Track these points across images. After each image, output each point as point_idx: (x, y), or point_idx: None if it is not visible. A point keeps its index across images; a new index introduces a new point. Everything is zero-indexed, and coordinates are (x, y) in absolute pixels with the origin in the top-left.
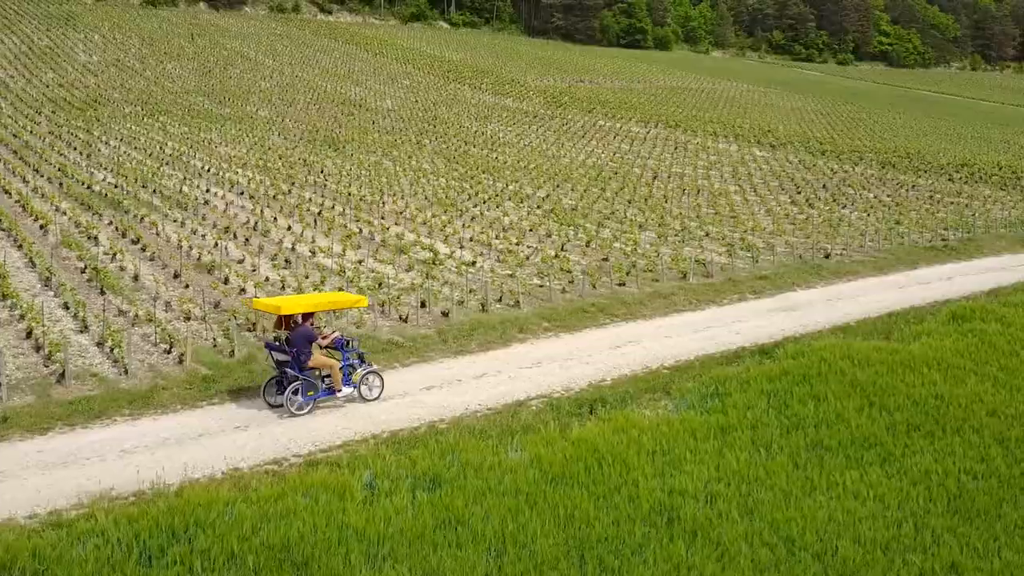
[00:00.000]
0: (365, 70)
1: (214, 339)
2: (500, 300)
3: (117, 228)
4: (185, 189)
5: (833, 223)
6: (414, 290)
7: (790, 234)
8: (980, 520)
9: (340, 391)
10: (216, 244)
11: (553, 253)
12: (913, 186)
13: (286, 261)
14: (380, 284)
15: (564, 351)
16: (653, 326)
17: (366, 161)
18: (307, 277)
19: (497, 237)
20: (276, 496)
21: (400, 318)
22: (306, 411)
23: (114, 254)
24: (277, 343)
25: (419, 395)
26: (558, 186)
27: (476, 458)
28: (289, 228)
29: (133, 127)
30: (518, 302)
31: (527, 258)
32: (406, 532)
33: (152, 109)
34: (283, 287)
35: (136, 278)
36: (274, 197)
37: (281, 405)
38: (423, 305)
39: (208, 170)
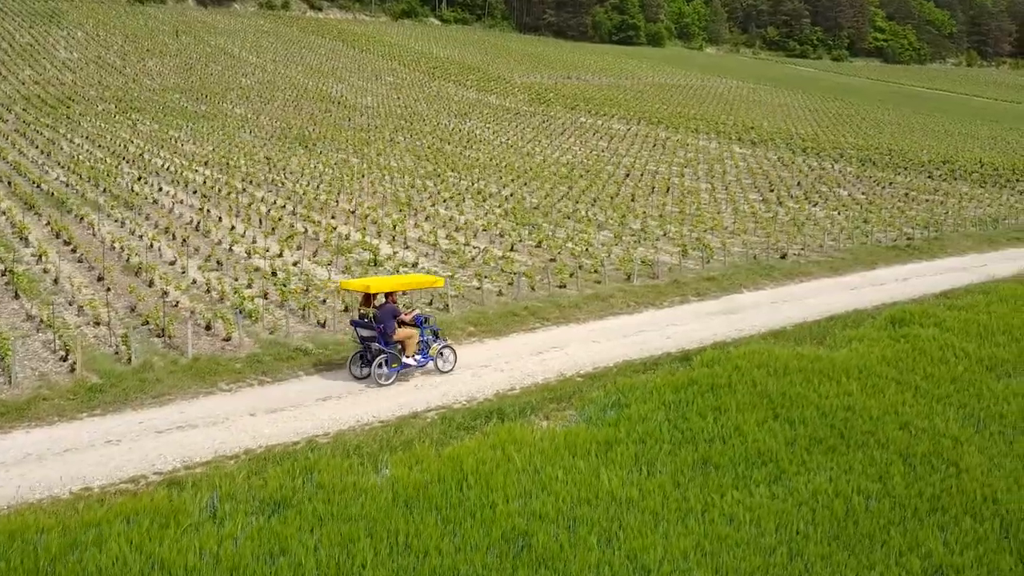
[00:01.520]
0: (349, 67)
1: (116, 346)
2: (430, 304)
3: (52, 228)
4: (136, 188)
5: (799, 222)
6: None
7: (751, 233)
8: (861, 547)
9: (408, 357)
10: (151, 245)
11: (500, 254)
12: (890, 183)
13: (217, 263)
14: (308, 288)
15: (483, 358)
16: (585, 330)
17: (333, 159)
18: (236, 279)
19: (447, 237)
20: (95, 522)
21: (318, 323)
22: (391, 381)
23: (40, 255)
24: (365, 320)
25: (312, 407)
26: (525, 184)
27: (333, 479)
28: (232, 228)
29: (102, 125)
30: (447, 305)
31: (472, 259)
32: (221, 564)
33: (126, 107)
34: (208, 290)
35: (56, 281)
36: (226, 196)
37: (366, 376)
38: (346, 309)
39: (167, 168)
